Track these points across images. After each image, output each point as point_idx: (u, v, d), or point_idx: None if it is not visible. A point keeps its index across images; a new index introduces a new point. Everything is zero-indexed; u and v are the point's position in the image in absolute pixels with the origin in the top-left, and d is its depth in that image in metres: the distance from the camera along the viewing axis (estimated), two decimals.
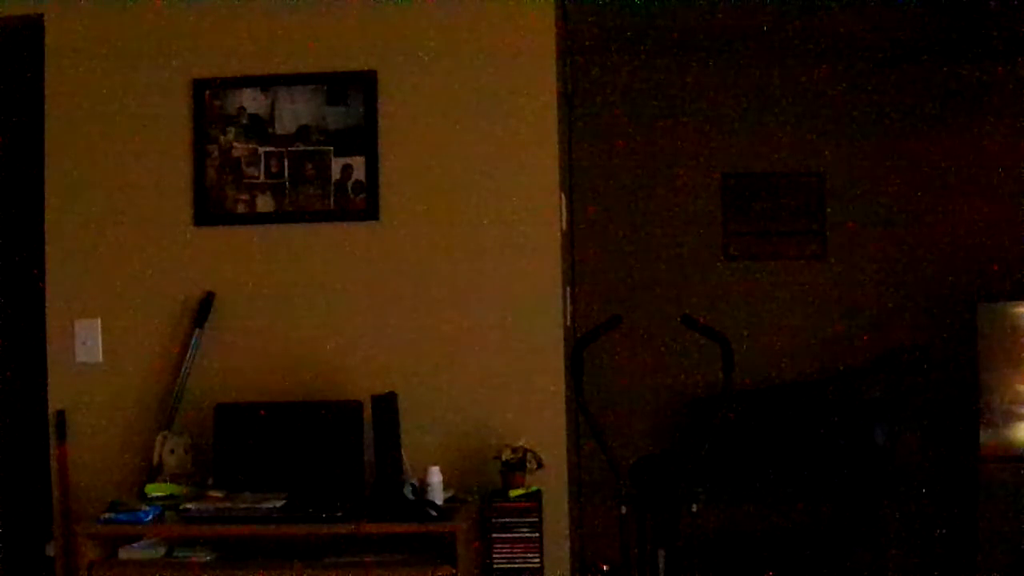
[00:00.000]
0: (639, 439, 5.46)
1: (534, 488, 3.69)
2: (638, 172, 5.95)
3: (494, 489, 3.70)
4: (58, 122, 4.04)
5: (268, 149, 3.98)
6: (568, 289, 4.19)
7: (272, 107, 3.98)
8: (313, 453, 3.74)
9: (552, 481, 3.80)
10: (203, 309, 3.94)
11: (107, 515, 3.55)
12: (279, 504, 3.53)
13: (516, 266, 3.90)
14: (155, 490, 3.69)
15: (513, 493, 3.66)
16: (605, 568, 4.69)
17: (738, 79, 5.88)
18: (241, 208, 3.98)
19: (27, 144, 4.16)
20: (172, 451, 3.79)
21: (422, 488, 3.57)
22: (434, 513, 3.47)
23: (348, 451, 3.72)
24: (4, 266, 4.62)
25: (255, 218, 3.98)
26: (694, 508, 3.80)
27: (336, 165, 3.95)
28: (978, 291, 5.44)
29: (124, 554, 3.56)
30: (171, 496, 3.67)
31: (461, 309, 3.91)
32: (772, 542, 5.41)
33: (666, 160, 5.94)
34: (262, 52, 3.98)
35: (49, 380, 4.02)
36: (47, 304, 4.04)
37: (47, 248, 4.04)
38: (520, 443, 3.71)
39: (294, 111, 3.97)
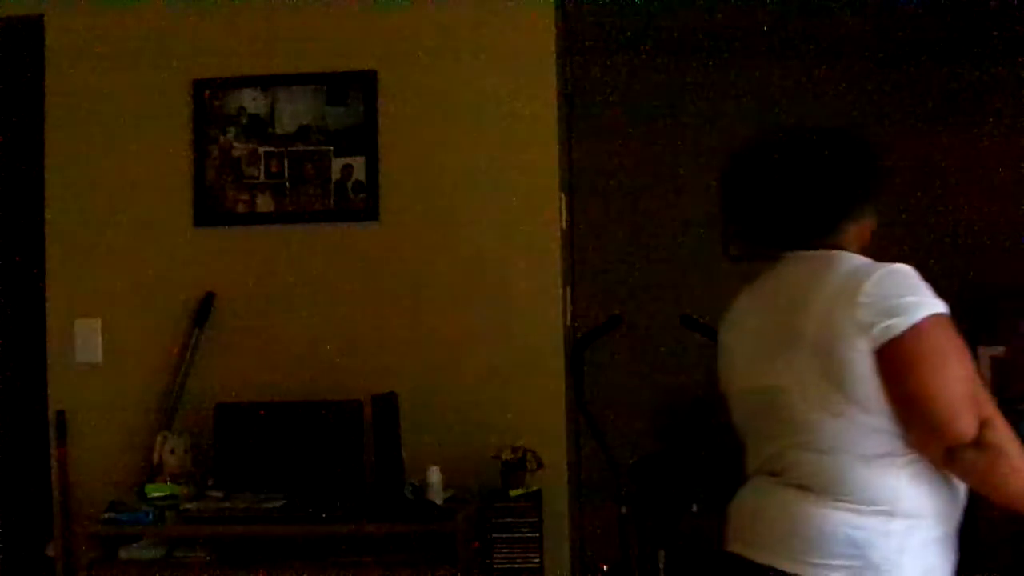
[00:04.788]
0: (639, 439, 5.46)
1: (534, 488, 3.69)
2: (638, 172, 5.94)
3: (494, 489, 3.70)
4: (58, 122, 4.04)
5: (268, 149, 3.98)
6: (568, 289, 4.19)
7: (272, 107, 3.98)
8: (313, 453, 3.74)
9: (552, 481, 3.80)
10: (203, 309, 3.94)
11: (107, 515, 3.55)
12: (279, 504, 3.53)
13: (516, 266, 3.90)
14: (155, 490, 3.69)
15: (513, 493, 3.66)
16: (605, 568, 4.68)
17: (738, 79, 5.87)
18: (241, 208, 3.98)
19: (27, 144, 4.16)
20: (172, 451, 3.79)
21: (422, 488, 3.56)
22: (434, 513, 3.47)
23: (348, 451, 3.72)
24: (4, 266, 4.61)
25: (255, 218, 3.98)
26: (694, 508, 3.80)
27: (336, 165, 3.95)
28: (978, 291, 5.43)
29: (124, 554, 3.56)
30: (171, 496, 3.67)
31: (461, 309, 3.91)
32: None
33: (666, 160, 5.93)
34: (262, 52, 3.98)
35: (49, 380, 4.02)
36: (47, 304, 4.04)
37: (47, 248, 4.04)
38: (520, 443, 3.71)
39: (294, 111, 3.97)
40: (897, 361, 1.99)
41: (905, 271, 2.06)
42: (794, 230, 2.19)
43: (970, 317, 5.25)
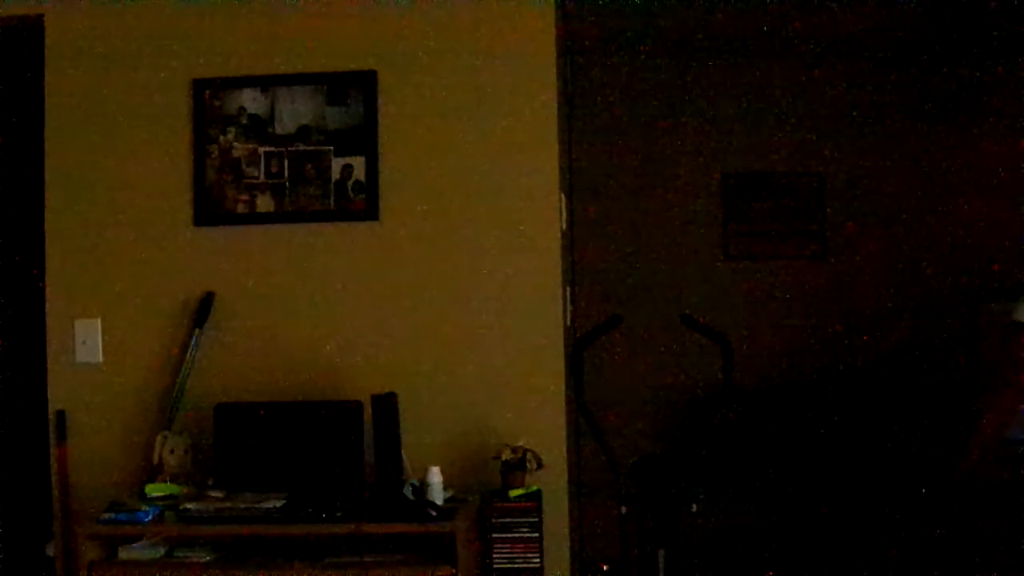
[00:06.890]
0: (639, 439, 5.46)
1: (534, 488, 3.69)
2: (638, 172, 5.94)
3: (494, 489, 3.70)
4: (58, 122, 4.04)
5: (268, 149, 3.98)
6: (568, 289, 4.19)
7: (272, 107, 3.98)
8: (313, 453, 3.75)
9: (552, 481, 3.80)
10: (203, 309, 3.95)
11: (107, 515, 3.55)
12: (279, 504, 3.53)
13: (516, 266, 3.90)
14: (155, 490, 3.69)
15: (513, 493, 3.66)
16: (605, 568, 4.69)
17: (738, 79, 5.88)
18: (241, 208, 3.98)
19: (27, 144, 4.16)
20: (172, 451, 3.79)
21: (422, 488, 3.57)
22: (434, 513, 3.47)
23: (348, 451, 3.72)
24: (4, 266, 4.62)
25: (255, 218, 3.98)
26: (694, 508, 3.80)
27: (336, 165, 3.96)
28: (978, 291, 5.44)
29: (124, 554, 3.57)
30: (171, 496, 3.67)
31: (461, 309, 3.91)
32: (772, 542, 5.41)
33: (666, 160, 5.94)
34: (262, 52, 3.98)
35: (49, 380, 4.02)
36: (47, 304, 4.04)
37: (47, 248, 4.04)
38: (520, 443, 3.71)
39: (294, 111, 3.97)
40: None
41: None
42: None
43: (969, 313, 5.27)
